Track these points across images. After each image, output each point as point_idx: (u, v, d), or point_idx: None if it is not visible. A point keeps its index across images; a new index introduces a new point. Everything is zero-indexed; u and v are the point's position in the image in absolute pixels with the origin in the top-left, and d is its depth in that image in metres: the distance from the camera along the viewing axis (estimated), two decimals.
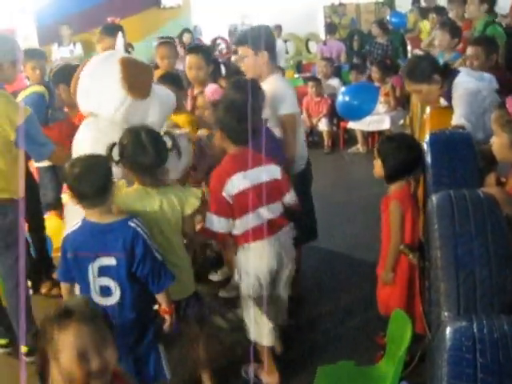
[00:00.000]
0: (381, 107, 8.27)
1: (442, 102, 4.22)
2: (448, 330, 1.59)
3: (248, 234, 3.38)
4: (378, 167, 3.56)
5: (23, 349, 4.05)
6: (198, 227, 3.48)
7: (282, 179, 3.49)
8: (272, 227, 3.42)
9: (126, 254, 2.84)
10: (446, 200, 2.30)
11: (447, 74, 4.05)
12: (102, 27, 5.03)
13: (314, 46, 13.32)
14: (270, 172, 3.43)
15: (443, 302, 2.10)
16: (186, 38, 10.89)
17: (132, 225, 2.87)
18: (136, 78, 3.37)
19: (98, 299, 2.91)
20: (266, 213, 3.40)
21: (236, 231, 3.41)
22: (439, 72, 4.02)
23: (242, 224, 3.37)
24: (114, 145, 3.12)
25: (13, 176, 3.70)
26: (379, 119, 8.24)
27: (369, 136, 8.71)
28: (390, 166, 3.48)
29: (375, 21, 11.00)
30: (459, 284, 2.08)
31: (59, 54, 10.55)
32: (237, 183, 3.30)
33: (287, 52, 13.48)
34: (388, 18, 11.65)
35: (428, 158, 3.01)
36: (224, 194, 3.29)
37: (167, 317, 3.11)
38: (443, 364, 1.48)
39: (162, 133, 3.28)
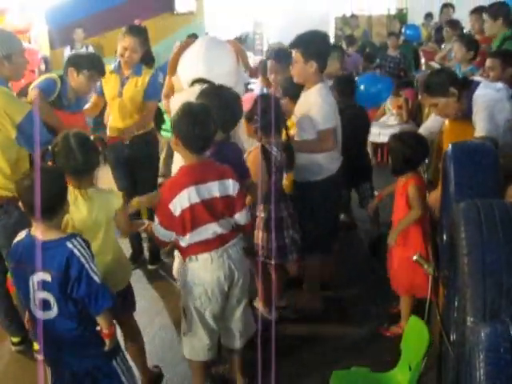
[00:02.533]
0: (392, 119, 8.30)
1: None
2: (484, 333, 1.61)
3: (195, 246, 3.27)
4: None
5: (35, 346, 4.08)
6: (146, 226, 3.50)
7: (237, 196, 3.33)
8: (220, 240, 3.31)
9: (59, 273, 2.77)
10: (473, 208, 2.32)
11: (466, 86, 4.07)
12: (126, 26, 5.02)
13: None
14: (224, 187, 3.28)
15: (469, 308, 2.12)
16: None
17: (69, 245, 2.78)
18: (242, 54, 4.48)
19: (37, 312, 2.87)
20: (216, 228, 3.28)
21: (183, 244, 3.30)
22: (456, 85, 4.04)
23: (190, 238, 3.25)
24: (46, 150, 3.26)
25: (16, 174, 3.65)
26: (391, 131, 8.25)
27: (378, 148, 8.72)
28: (396, 161, 4.04)
29: (391, 32, 11.03)
30: (486, 290, 2.09)
31: None
32: (187, 198, 3.17)
33: None
34: (403, 30, 11.68)
35: (450, 168, 3.02)
36: (171, 207, 3.17)
37: (107, 341, 2.98)
38: (481, 365, 1.50)
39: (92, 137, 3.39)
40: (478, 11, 6.84)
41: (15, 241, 2.93)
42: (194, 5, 13.02)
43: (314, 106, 4.18)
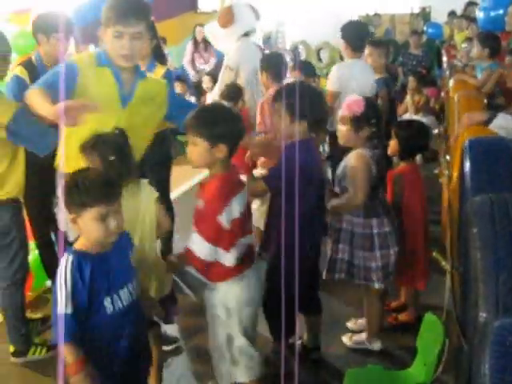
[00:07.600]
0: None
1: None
2: (492, 327, 1.60)
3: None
4: (393, 146, 4.12)
5: (10, 348, 3.92)
6: None
7: None
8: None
9: None
10: (486, 203, 2.30)
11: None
12: None
13: None
14: None
15: (481, 303, 2.10)
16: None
17: None
18: None
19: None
20: None
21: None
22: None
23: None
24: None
25: (7, 175, 3.59)
26: None
27: None
28: (405, 146, 4.08)
29: (413, 30, 10.97)
30: (498, 286, 2.07)
31: None
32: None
33: (321, 60, 13.51)
34: (425, 28, 11.60)
35: (467, 163, 3.00)
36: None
37: None
38: (487, 359, 1.49)
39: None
40: None
41: None
42: (218, 3, 13.05)
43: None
